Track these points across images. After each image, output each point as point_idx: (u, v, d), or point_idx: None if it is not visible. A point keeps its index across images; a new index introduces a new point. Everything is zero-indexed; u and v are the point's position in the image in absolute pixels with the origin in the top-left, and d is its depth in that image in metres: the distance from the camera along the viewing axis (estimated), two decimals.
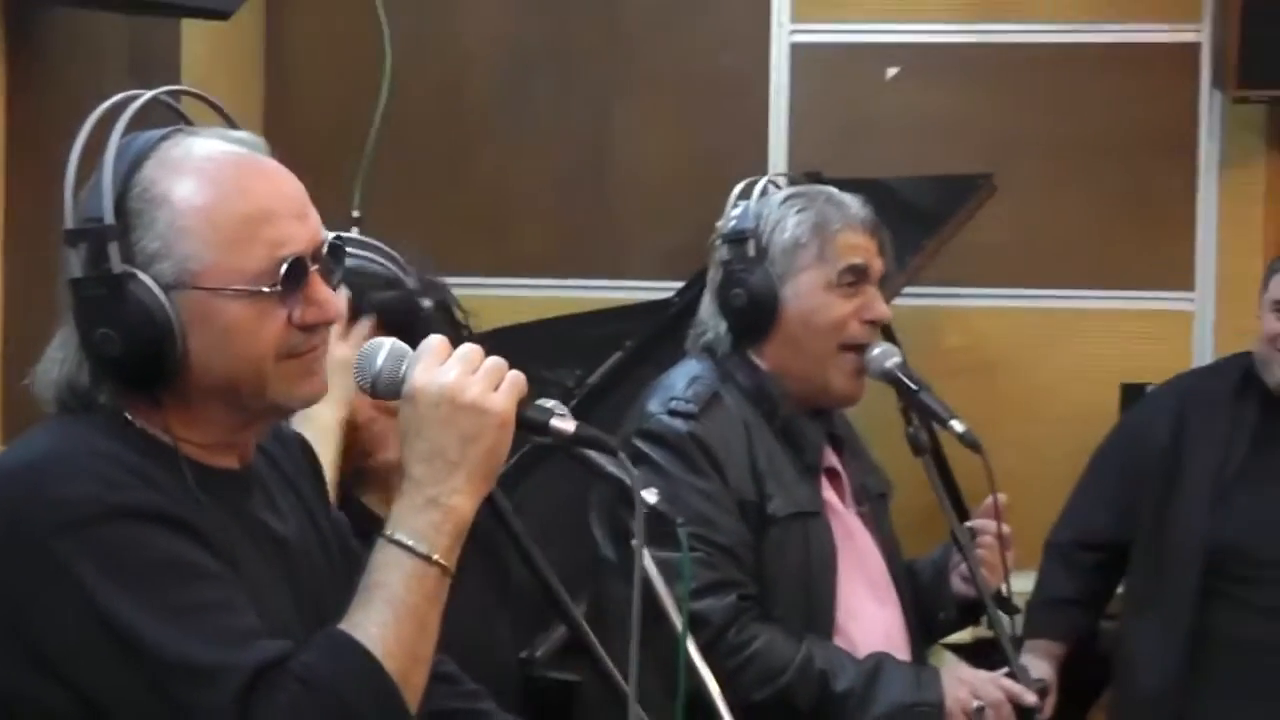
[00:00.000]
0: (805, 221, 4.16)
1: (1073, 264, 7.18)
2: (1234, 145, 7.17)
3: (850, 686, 3.98)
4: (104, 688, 2.32)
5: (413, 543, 2.41)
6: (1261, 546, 5.54)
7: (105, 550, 2.30)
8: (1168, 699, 5.57)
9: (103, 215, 2.38)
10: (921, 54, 7.31)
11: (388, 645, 2.36)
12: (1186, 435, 5.73)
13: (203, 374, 2.44)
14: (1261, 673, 5.47)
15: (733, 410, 4.10)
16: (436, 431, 2.46)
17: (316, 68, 7.46)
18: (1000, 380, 6.91)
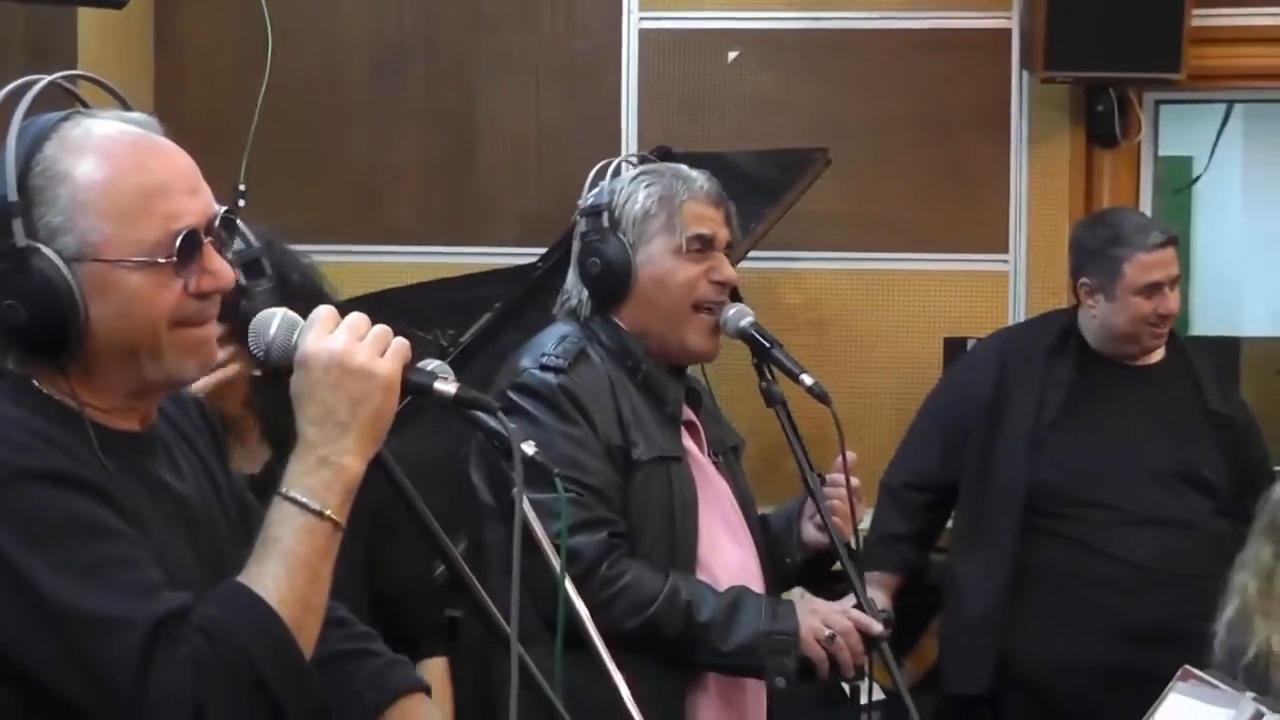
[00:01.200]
0: (654, 195, 4.19)
1: (898, 230, 7.25)
2: (1041, 122, 7.26)
3: (712, 616, 4.00)
4: (13, 641, 2.32)
5: (306, 500, 2.41)
6: (1075, 487, 5.67)
7: (12, 510, 2.30)
8: (992, 625, 5.67)
9: (6, 193, 2.38)
10: (759, 39, 7.29)
11: (283, 595, 2.37)
12: (1006, 386, 5.86)
13: (104, 341, 2.44)
14: (1073, 599, 5.60)
15: (599, 366, 4.13)
16: (327, 395, 2.46)
17: (204, 53, 7.43)
18: (834, 336, 6.93)
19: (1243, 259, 10.37)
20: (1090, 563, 5.57)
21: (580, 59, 7.39)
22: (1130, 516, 5.60)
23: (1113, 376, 5.78)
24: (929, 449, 5.94)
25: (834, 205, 6.76)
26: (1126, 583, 5.54)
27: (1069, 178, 7.24)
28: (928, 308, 7.12)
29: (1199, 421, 5.79)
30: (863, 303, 7.15)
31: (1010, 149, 7.25)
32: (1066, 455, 5.68)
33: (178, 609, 2.30)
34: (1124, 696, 4.63)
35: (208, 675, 2.27)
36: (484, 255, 6.90)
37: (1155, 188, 7.51)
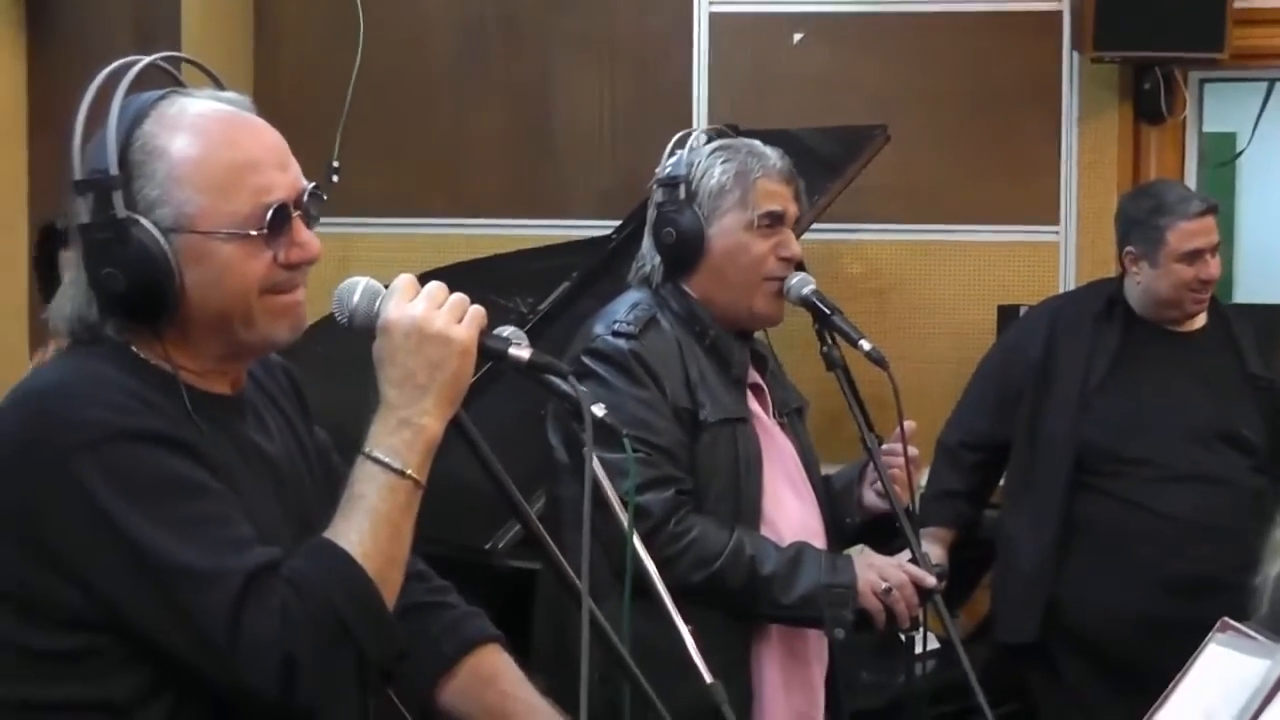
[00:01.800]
0: (730, 170, 4.13)
1: (954, 203, 7.28)
2: (1090, 99, 7.27)
3: (775, 570, 3.99)
4: (114, 590, 2.35)
5: (388, 459, 2.44)
6: (1120, 446, 5.65)
7: (115, 468, 2.33)
8: (1041, 577, 5.67)
9: (108, 167, 2.41)
10: (821, 22, 7.30)
11: (366, 550, 2.39)
12: (1055, 351, 5.84)
13: (197, 308, 2.47)
14: (1118, 552, 5.59)
15: (668, 331, 4.09)
16: (407, 359, 2.48)
17: (299, 37, 7.43)
18: (893, 304, 6.94)
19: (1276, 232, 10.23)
20: (1134, 517, 5.57)
21: (653, 40, 7.41)
22: (1172, 473, 5.58)
23: (1157, 341, 5.75)
24: (982, 410, 5.94)
25: (892, 179, 6.78)
26: (1168, 536, 5.53)
27: (1117, 153, 7.23)
28: (982, 277, 7.14)
29: (1239, 384, 5.78)
30: (920, 272, 7.16)
31: (1060, 126, 7.26)
32: (1112, 415, 5.67)
33: (268, 563, 2.34)
34: (1167, 646, 4.57)
35: (296, 625, 2.31)
36: (561, 228, 6.90)
37: (1200, 162, 7.50)
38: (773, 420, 4.30)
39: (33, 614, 2.41)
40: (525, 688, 2.84)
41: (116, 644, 2.37)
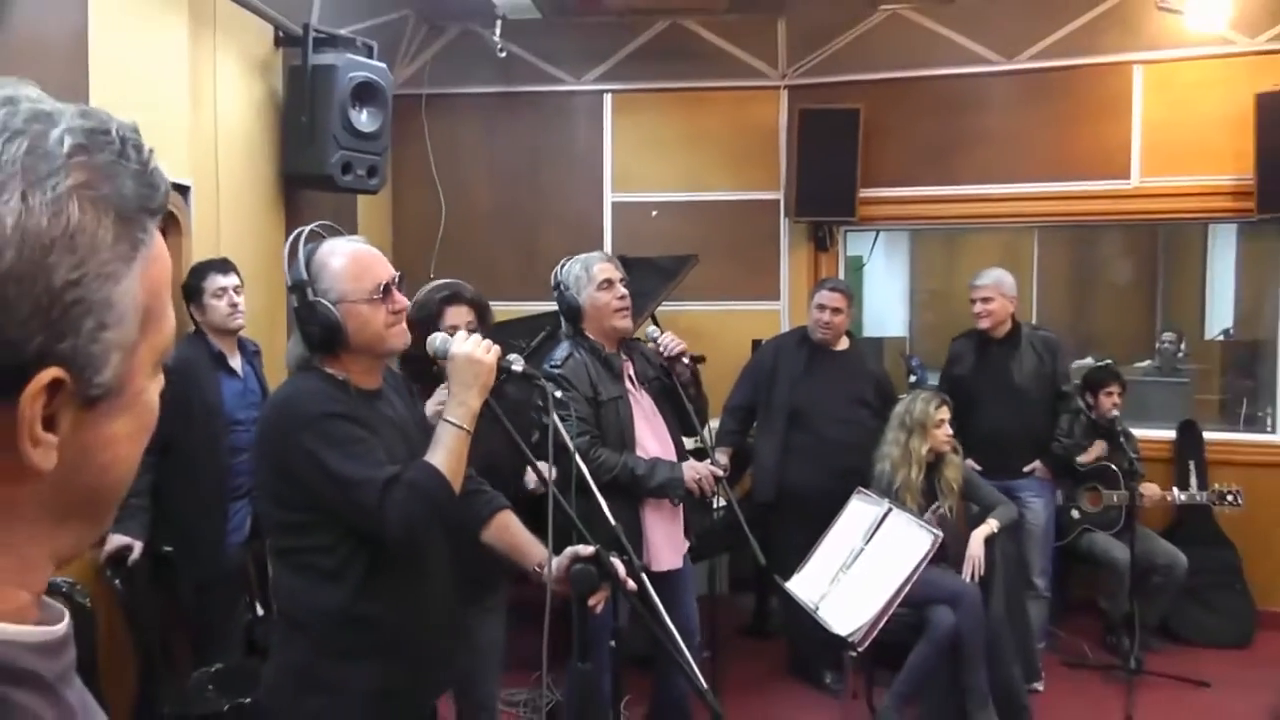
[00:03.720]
0: (580, 267, 4.17)
1: (733, 290, 7.12)
2: (795, 240, 7.16)
3: (644, 471, 4.05)
4: (321, 490, 2.45)
5: (455, 421, 2.51)
6: (809, 406, 5.66)
7: (319, 433, 2.45)
8: (775, 469, 5.68)
9: (303, 275, 2.53)
10: (664, 205, 7.17)
11: (445, 466, 2.47)
12: (778, 360, 5.82)
13: (355, 341, 2.55)
14: (810, 454, 5.57)
15: (578, 359, 4.09)
16: (461, 372, 2.55)
17: (411, 211, 7.27)
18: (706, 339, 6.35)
19: (882, 305, 10.12)
20: (815, 440, 5.57)
21: (586, 214, 7.22)
22: (833, 418, 5.59)
23: (825, 355, 5.70)
24: (744, 390, 5.89)
25: (701, 280, 6.58)
26: (834, 449, 5.51)
27: (806, 266, 7.13)
28: (746, 327, 6.89)
29: (865, 376, 5.78)
30: (719, 325, 6.98)
31: (780, 253, 7.14)
32: (804, 391, 5.66)
33: (394, 474, 2.43)
34: (833, 503, 4.75)
35: (411, 503, 2.41)
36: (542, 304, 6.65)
37: (845, 269, 7.41)
38: (639, 389, 4.24)
39: (281, 503, 2.54)
40: (525, 532, 2.85)
41: (323, 518, 2.48)
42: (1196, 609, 6.30)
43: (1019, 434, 5.86)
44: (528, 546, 2.81)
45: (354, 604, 2.49)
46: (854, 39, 7.01)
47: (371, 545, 2.49)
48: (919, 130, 6.98)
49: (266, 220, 5.57)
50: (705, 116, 7.18)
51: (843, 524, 4.35)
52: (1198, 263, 9.74)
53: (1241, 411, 7.66)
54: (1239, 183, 6.52)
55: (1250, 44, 6.54)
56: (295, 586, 2.56)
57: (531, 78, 7.23)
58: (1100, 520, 6.06)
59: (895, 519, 4.16)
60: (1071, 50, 6.75)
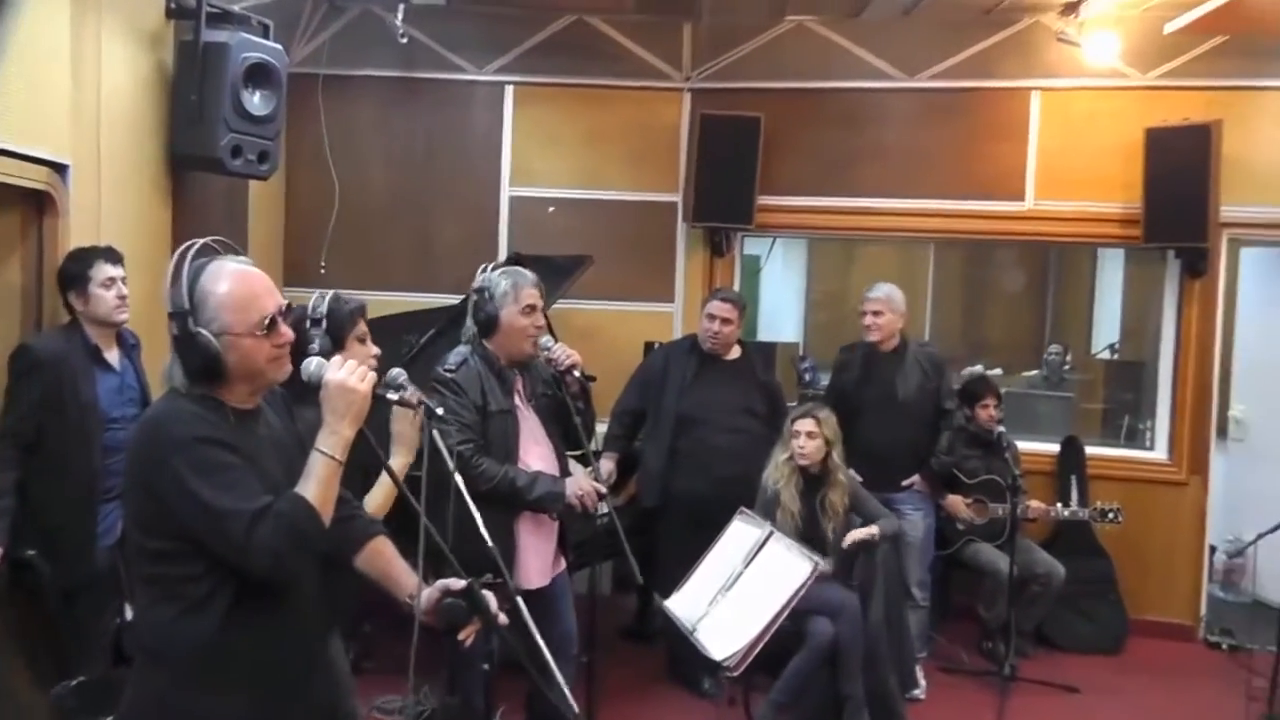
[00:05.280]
0: (508, 284, 4.19)
1: (626, 291, 7.18)
2: (691, 245, 7.21)
3: (524, 484, 4.08)
4: (191, 525, 2.39)
5: (327, 450, 2.47)
6: (697, 413, 5.73)
7: (191, 459, 2.38)
8: (661, 473, 5.74)
9: (184, 304, 2.47)
10: (561, 202, 7.18)
11: (314, 496, 2.43)
12: (669, 366, 5.87)
13: (235, 373, 2.51)
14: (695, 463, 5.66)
15: (474, 367, 4.12)
16: (335, 400, 2.52)
17: (304, 196, 7.16)
18: (599, 340, 6.64)
19: (777, 307, 10.30)
20: (702, 447, 5.66)
21: (478, 209, 7.19)
22: (720, 427, 5.69)
23: (713, 363, 5.79)
24: (633, 394, 5.94)
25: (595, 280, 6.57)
26: (719, 458, 5.61)
27: (701, 271, 7.18)
28: (639, 328, 7.02)
29: (754, 384, 5.85)
30: (612, 324, 7.03)
31: (676, 258, 7.19)
32: (693, 398, 5.73)
33: (267, 504, 2.38)
34: (718, 511, 4.80)
35: (279, 535, 2.37)
36: (433, 298, 6.69)
37: (741, 271, 7.51)
38: (527, 405, 4.26)
39: (149, 530, 2.46)
40: (398, 560, 2.80)
41: (191, 546, 2.41)
42: (1072, 617, 6.65)
43: (901, 447, 6.06)
44: (400, 575, 2.76)
45: (219, 635, 2.44)
46: (759, 46, 7.11)
47: (239, 575, 2.43)
48: (820, 141, 7.09)
49: (151, 202, 5.39)
50: (606, 115, 7.19)
51: (724, 544, 4.38)
52: (1087, 281, 10.11)
53: (1123, 427, 7.99)
54: (1127, 211, 6.85)
55: (1143, 79, 6.86)
56: (159, 616, 2.48)
57: (432, 64, 7.18)
58: (984, 531, 6.30)
59: (776, 544, 4.21)
60: (972, 73, 6.99)
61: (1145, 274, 7.87)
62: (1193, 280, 6.93)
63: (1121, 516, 6.25)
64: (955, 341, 7.51)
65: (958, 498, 6.31)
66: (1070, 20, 6.62)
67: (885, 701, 5.09)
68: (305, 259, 7.09)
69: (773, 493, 5.21)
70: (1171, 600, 6.94)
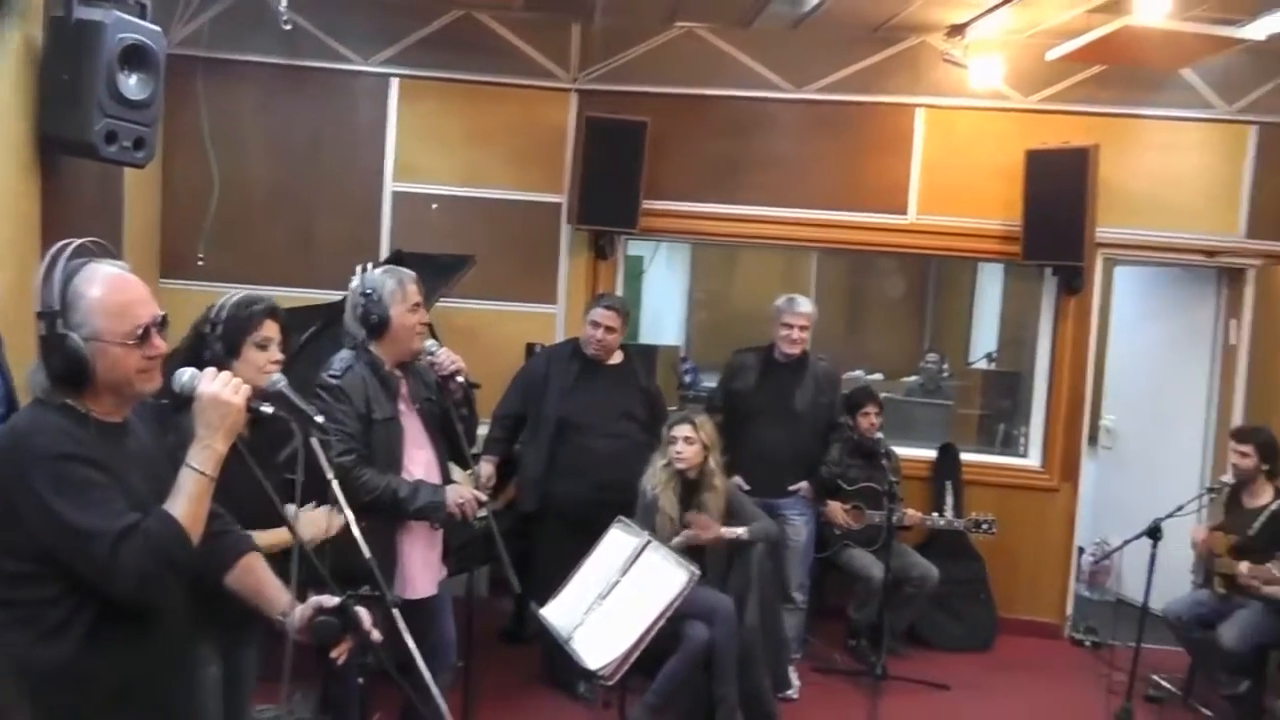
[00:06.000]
0: (393, 282, 4.18)
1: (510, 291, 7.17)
2: (575, 247, 7.27)
3: (407, 494, 4.10)
4: (53, 546, 2.35)
5: (198, 467, 2.46)
6: (578, 418, 5.81)
7: (52, 476, 2.34)
8: (540, 478, 5.82)
9: (54, 304, 2.42)
10: (444, 200, 7.15)
11: (183, 514, 2.41)
12: (550, 370, 5.94)
13: (102, 382, 2.47)
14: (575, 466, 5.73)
15: (358, 372, 4.10)
16: (207, 413, 2.51)
17: (182, 184, 6.95)
18: (481, 341, 6.63)
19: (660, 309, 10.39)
20: (583, 451, 5.73)
21: (360, 203, 7.12)
22: (601, 432, 5.78)
23: (596, 368, 5.87)
24: (513, 397, 5.99)
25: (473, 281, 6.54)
26: (601, 462, 5.68)
27: (585, 273, 7.24)
28: (521, 330, 7.07)
29: (635, 389, 5.96)
30: (493, 324, 7.03)
31: (559, 260, 7.22)
32: (574, 403, 5.80)
33: (132, 523, 2.35)
34: (597, 516, 4.82)
35: (145, 555, 2.34)
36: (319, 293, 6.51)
37: (626, 276, 7.58)
38: (411, 409, 4.25)
39: (6, 551, 2.39)
40: (270, 577, 2.75)
41: (51, 569, 2.37)
42: (944, 617, 6.98)
43: (791, 456, 6.25)
44: (272, 592, 2.73)
45: (78, 660, 2.39)
46: (648, 51, 7.19)
47: (100, 597, 2.38)
48: (706, 147, 7.22)
49: (19, 186, 5.15)
50: (493, 112, 7.18)
51: (601, 553, 4.41)
52: (966, 293, 10.48)
53: (999, 434, 8.31)
54: (1007, 228, 7.17)
55: (1024, 102, 7.18)
56: (13, 641, 2.39)
57: (316, 53, 7.08)
58: (861, 536, 6.54)
59: (653, 553, 4.27)
60: (859, 87, 7.20)
61: (1023, 288, 8.18)
62: (1069, 296, 7.28)
63: (995, 528, 6.56)
64: (836, 348, 7.67)
65: (836, 504, 6.53)
66: (956, 42, 6.89)
67: (759, 702, 5.27)
68: (183, 250, 6.93)
69: (651, 498, 5.32)
70: (1040, 600, 7.36)
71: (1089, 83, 7.09)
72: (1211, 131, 7.19)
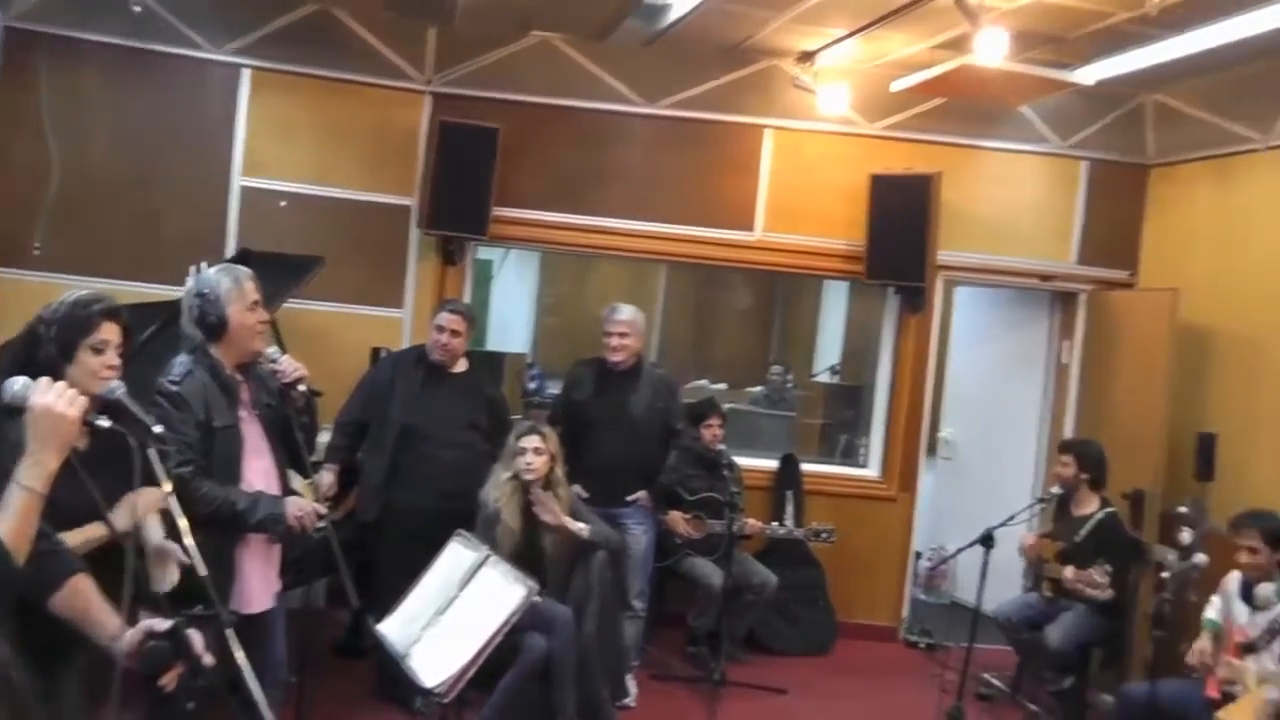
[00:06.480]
0: (229, 281, 4.09)
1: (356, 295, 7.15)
2: (424, 252, 7.25)
3: (246, 506, 3.99)
4: None
5: (28, 483, 2.37)
6: (423, 425, 5.78)
7: None
8: (381, 485, 5.78)
9: None
10: (291, 197, 7.07)
11: (10, 533, 2.32)
12: (395, 377, 5.92)
13: None
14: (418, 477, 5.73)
15: (198, 378, 3.99)
16: (39, 426, 2.41)
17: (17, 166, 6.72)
18: (326, 346, 6.73)
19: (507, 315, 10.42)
20: (424, 461, 5.72)
21: (212, 198, 6.99)
22: (445, 441, 5.77)
23: (441, 375, 5.87)
24: (357, 404, 5.96)
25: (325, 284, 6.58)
26: (444, 471, 5.69)
27: (433, 278, 7.26)
28: (366, 334, 7.04)
29: (480, 398, 5.97)
30: (342, 328, 7.01)
31: (407, 264, 7.23)
32: (418, 409, 5.78)
33: None
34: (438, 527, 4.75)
35: None
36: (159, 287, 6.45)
37: (474, 282, 7.61)
38: (252, 415, 4.15)
39: None
40: (98, 600, 2.61)
41: None
42: (781, 622, 7.25)
43: (630, 464, 6.32)
44: (100, 616, 2.61)
45: None
46: (503, 57, 7.26)
47: None
48: (558, 157, 7.32)
49: None
50: (346, 110, 7.14)
51: (440, 567, 4.39)
52: (812, 308, 10.81)
53: (840, 444, 8.61)
54: (851, 248, 7.47)
55: (870, 128, 7.51)
56: None
57: (166, 37, 6.90)
58: (702, 545, 6.71)
59: (491, 569, 4.27)
60: (710, 105, 7.41)
61: (867, 304, 8.53)
62: (910, 314, 7.64)
63: (834, 537, 6.86)
64: (683, 358, 7.87)
65: (677, 514, 6.68)
66: (806, 68, 7.14)
67: (596, 712, 5.38)
68: (18, 238, 6.73)
69: (493, 510, 5.36)
70: (877, 604, 7.72)
71: (933, 113, 7.45)
72: (1047, 165, 7.68)
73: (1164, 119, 7.49)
